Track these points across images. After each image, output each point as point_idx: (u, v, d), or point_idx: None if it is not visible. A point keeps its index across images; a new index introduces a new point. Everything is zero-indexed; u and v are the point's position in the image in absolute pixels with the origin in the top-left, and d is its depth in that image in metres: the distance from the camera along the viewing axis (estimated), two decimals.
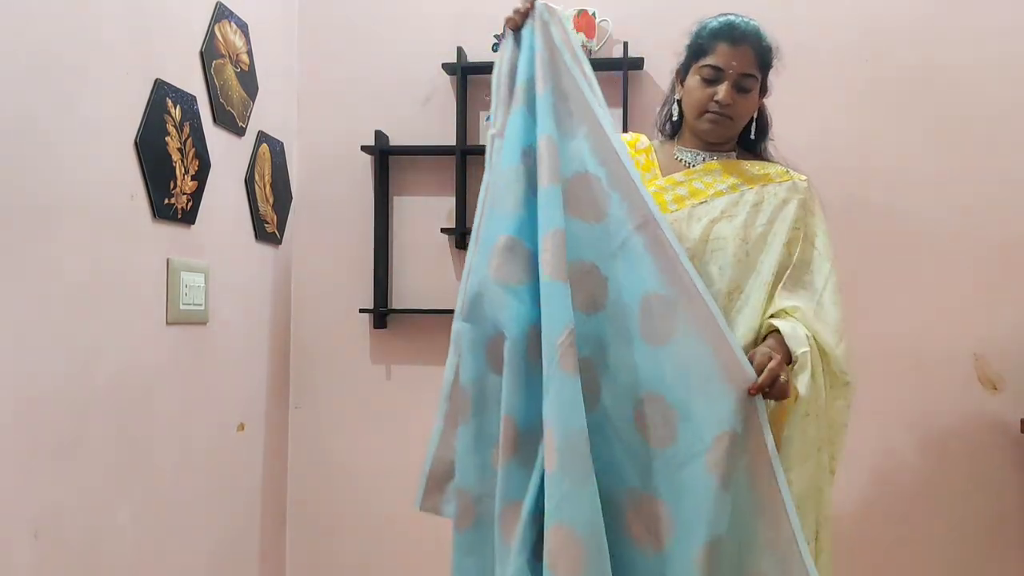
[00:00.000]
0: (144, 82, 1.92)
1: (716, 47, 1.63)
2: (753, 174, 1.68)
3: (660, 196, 1.65)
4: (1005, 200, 2.46)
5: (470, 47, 2.65)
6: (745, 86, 1.63)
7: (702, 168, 1.69)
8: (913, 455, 2.48)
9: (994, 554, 2.44)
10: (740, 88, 1.63)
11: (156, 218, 1.95)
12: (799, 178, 1.70)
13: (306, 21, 2.77)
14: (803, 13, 2.52)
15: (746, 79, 1.63)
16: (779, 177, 1.68)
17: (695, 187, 1.67)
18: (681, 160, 1.72)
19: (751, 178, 1.67)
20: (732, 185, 1.66)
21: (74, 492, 1.70)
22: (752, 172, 1.68)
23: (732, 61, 1.62)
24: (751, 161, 1.72)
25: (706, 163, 1.70)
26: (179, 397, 2.07)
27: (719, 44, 1.63)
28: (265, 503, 2.57)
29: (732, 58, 1.62)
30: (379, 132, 2.65)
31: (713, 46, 1.63)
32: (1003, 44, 2.47)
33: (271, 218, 2.56)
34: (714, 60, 1.63)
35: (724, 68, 1.62)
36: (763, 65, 1.66)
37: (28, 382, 1.57)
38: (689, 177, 1.68)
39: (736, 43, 1.62)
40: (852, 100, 2.52)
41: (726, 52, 1.62)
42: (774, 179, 1.68)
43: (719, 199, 1.64)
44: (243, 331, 2.42)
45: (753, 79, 1.64)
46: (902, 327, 2.47)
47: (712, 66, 1.62)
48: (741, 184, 1.66)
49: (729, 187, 1.66)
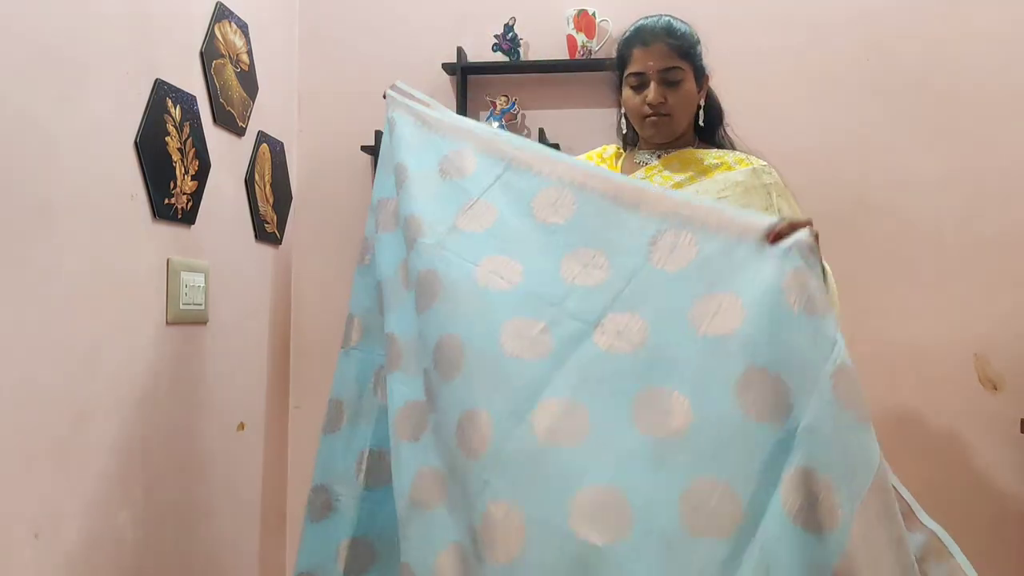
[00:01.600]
0: (144, 82, 1.92)
1: (632, 54, 1.71)
2: (710, 163, 1.69)
3: None
4: (1005, 200, 2.46)
5: (470, 47, 2.65)
6: (671, 79, 1.67)
7: (660, 163, 1.71)
8: (913, 455, 2.48)
9: (994, 554, 2.43)
10: (667, 83, 1.67)
11: (156, 218, 1.95)
12: (758, 163, 1.69)
13: (306, 21, 2.77)
14: (803, 13, 2.52)
15: (669, 72, 1.67)
16: (738, 164, 1.69)
17: (655, 183, 1.68)
18: (640, 163, 1.75)
19: (708, 167, 1.68)
20: (690, 176, 1.67)
21: (74, 492, 1.70)
22: (709, 161, 1.70)
23: (648, 62, 1.68)
24: (707, 150, 1.73)
25: (662, 159, 1.72)
26: (179, 397, 2.07)
27: (634, 50, 1.71)
28: (265, 503, 2.57)
29: (648, 58, 1.68)
30: (379, 132, 2.65)
31: (629, 54, 1.72)
32: (1003, 44, 2.47)
33: (271, 218, 2.56)
34: (634, 67, 1.70)
35: (644, 71, 1.69)
36: (683, 54, 1.69)
37: (28, 382, 1.57)
38: (649, 174, 1.70)
39: (647, 43, 1.69)
40: (852, 100, 2.52)
41: (641, 55, 1.69)
42: (732, 166, 1.68)
43: (679, 191, 1.64)
44: (243, 331, 2.42)
45: (677, 70, 1.68)
46: (902, 327, 2.47)
47: (633, 73, 1.71)
48: (699, 175, 1.67)
49: (687, 178, 1.67)
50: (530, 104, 2.66)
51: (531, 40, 2.66)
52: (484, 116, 2.67)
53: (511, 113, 2.62)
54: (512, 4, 2.65)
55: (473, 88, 2.68)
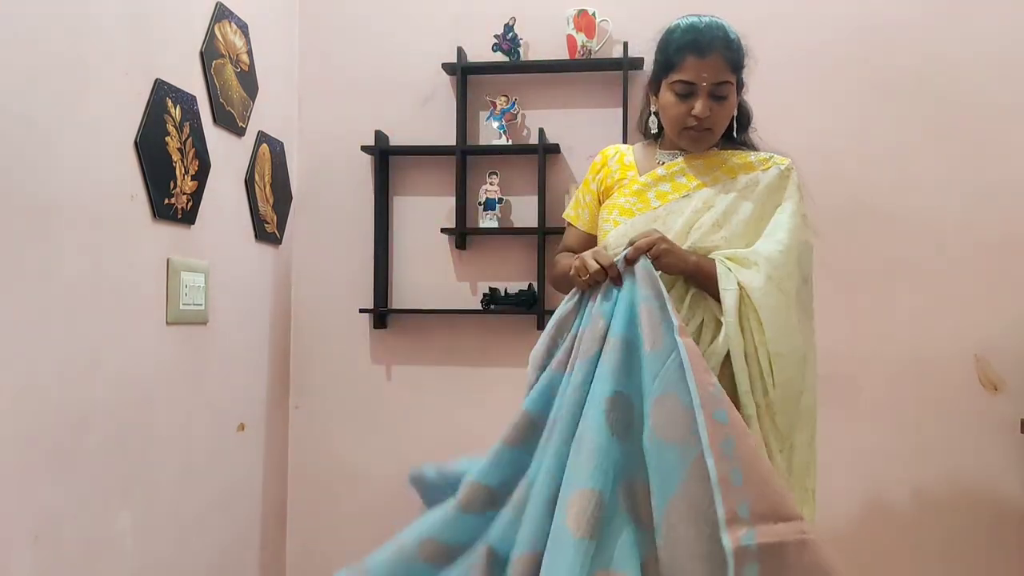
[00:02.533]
0: (144, 82, 1.92)
1: (684, 61, 1.58)
2: (735, 164, 1.66)
3: (643, 194, 1.65)
4: (1005, 200, 2.46)
5: (470, 47, 2.65)
6: (719, 93, 1.59)
7: (683, 162, 1.67)
8: (913, 455, 2.48)
9: (994, 554, 2.43)
10: (715, 97, 1.59)
11: (156, 218, 1.95)
12: (781, 162, 1.67)
13: (306, 21, 2.77)
14: (803, 13, 2.52)
15: (720, 87, 1.58)
16: (761, 165, 1.66)
17: (678, 182, 1.65)
18: (661, 162, 1.70)
19: (733, 168, 1.65)
20: (715, 178, 1.64)
21: (74, 494, 1.69)
22: (734, 162, 1.66)
23: (703, 73, 1.57)
24: (732, 151, 1.69)
25: (686, 158, 1.68)
26: (179, 397, 2.07)
27: (687, 57, 1.58)
28: (265, 503, 2.57)
29: (702, 70, 1.57)
30: (379, 132, 2.65)
31: (681, 60, 1.58)
32: (1003, 43, 2.47)
33: (271, 218, 2.56)
34: (684, 75, 1.58)
35: (696, 82, 1.58)
36: (735, 67, 1.62)
37: (28, 382, 1.57)
38: (671, 171, 1.66)
39: (704, 53, 1.57)
40: (852, 100, 2.52)
41: (695, 65, 1.57)
42: (756, 167, 1.65)
43: (701, 191, 1.62)
44: (243, 331, 2.42)
45: (727, 85, 1.59)
46: (902, 327, 2.47)
47: (683, 81, 1.58)
48: (724, 176, 1.64)
49: (711, 179, 1.64)
50: (530, 104, 2.66)
51: (531, 40, 2.66)
52: (484, 116, 2.68)
53: (511, 113, 2.62)
54: (512, 4, 2.65)
55: (473, 88, 2.68)
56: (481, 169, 2.66)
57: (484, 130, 2.69)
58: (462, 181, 2.62)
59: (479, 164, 2.68)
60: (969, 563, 2.44)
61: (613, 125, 2.56)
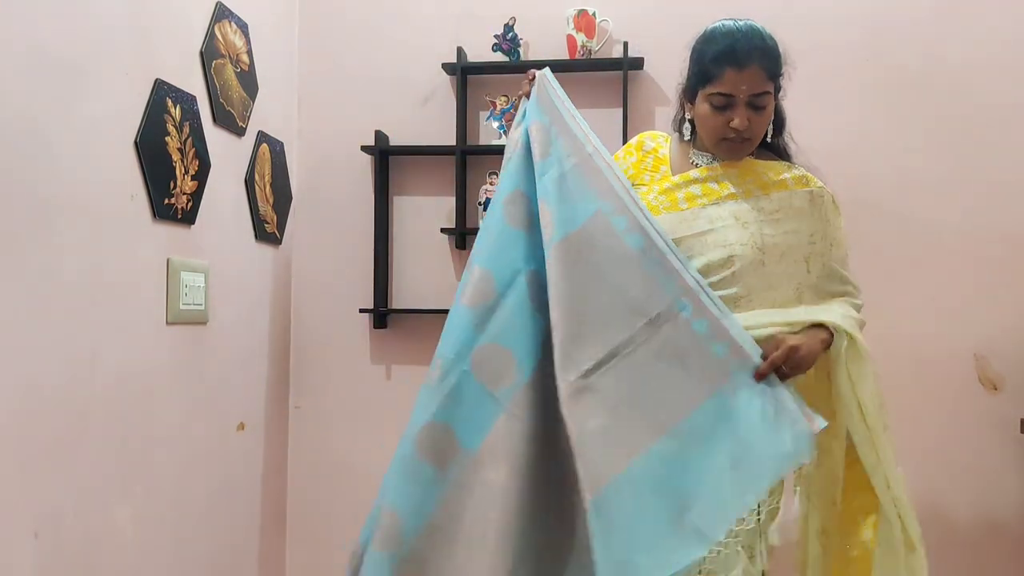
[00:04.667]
0: (144, 82, 1.92)
1: (723, 73, 1.53)
2: (769, 179, 1.62)
3: (672, 193, 1.61)
4: (1005, 200, 2.46)
5: (470, 47, 2.65)
6: (758, 104, 1.55)
7: (719, 168, 1.62)
8: (913, 455, 2.48)
9: (994, 554, 2.43)
10: (753, 107, 1.55)
11: (156, 218, 1.95)
12: (816, 184, 1.64)
13: (306, 21, 2.77)
14: (803, 13, 2.52)
15: (759, 98, 1.55)
16: (796, 184, 1.62)
17: (709, 187, 1.61)
18: (695, 164, 1.66)
19: (767, 183, 1.61)
20: (747, 190, 1.60)
21: (74, 492, 1.70)
22: (768, 177, 1.62)
23: (742, 86, 1.53)
24: (767, 161, 1.65)
25: (722, 164, 1.63)
26: (179, 397, 2.07)
27: (726, 70, 1.53)
28: (265, 503, 2.58)
29: (741, 82, 1.53)
30: (379, 132, 2.65)
31: (720, 72, 1.54)
32: (1003, 43, 2.47)
33: (271, 218, 2.56)
34: (723, 88, 1.54)
35: (735, 95, 1.54)
36: (773, 76, 1.58)
37: (28, 382, 1.57)
38: (704, 176, 1.62)
39: (743, 66, 1.52)
40: (852, 100, 2.52)
41: (734, 77, 1.53)
42: (790, 186, 1.62)
43: (731, 202, 1.59)
44: (243, 331, 2.42)
45: (767, 95, 1.56)
46: (902, 327, 2.47)
47: (722, 94, 1.54)
48: (756, 190, 1.60)
49: (743, 192, 1.60)
50: None
51: (531, 40, 2.66)
52: (484, 116, 2.68)
53: (511, 113, 2.62)
54: (512, 4, 2.65)
55: (473, 88, 2.68)
56: (481, 169, 2.66)
57: (484, 130, 2.69)
58: (462, 181, 2.62)
59: (479, 164, 2.68)
60: (968, 563, 2.44)
61: (613, 125, 2.56)
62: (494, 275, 1.59)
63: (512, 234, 1.61)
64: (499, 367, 1.55)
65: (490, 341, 1.55)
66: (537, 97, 1.71)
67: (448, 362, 1.56)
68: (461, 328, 1.56)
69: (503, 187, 1.68)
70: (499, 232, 1.62)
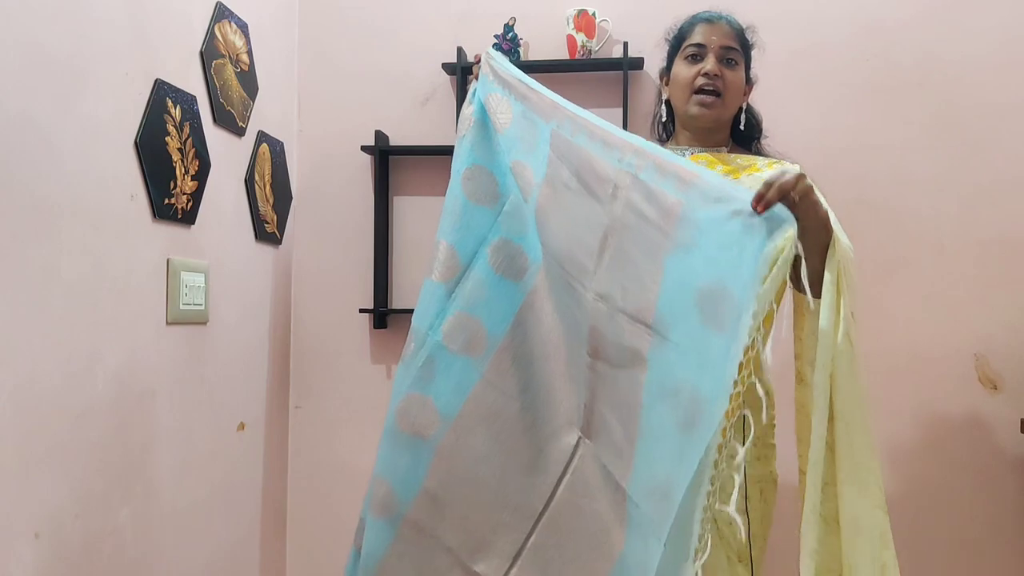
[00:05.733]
0: (144, 82, 1.92)
1: (695, 28, 1.71)
2: (739, 165, 1.68)
3: None
4: (1005, 199, 2.46)
5: (470, 47, 2.65)
6: (729, 57, 1.68)
7: (691, 159, 1.68)
8: (912, 455, 2.48)
9: (993, 554, 2.43)
10: (725, 61, 1.68)
11: (156, 218, 1.95)
12: (789, 165, 1.65)
13: (306, 21, 2.77)
14: (803, 12, 2.52)
15: (730, 52, 1.68)
16: (767, 167, 1.65)
17: None
18: None
19: (736, 168, 1.67)
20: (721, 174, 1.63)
21: (74, 492, 1.70)
22: (739, 163, 1.68)
23: (712, 36, 1.68)
24: (742, 155, 1.72)
25: (695, 155, 1.70)
26: (179, 397, 2.07)
27: (697, 25, 1.71)
28: (265, 503, 2.58)
29: (712, 33, 1.69)
30: (379, 132, 2.65)
31: (692, 28, 1.72)
32: (1003, 42, 2.47)
33: (271, 218, 2.56)
34: (694, 39, 1.70)
35: (706, 44, 1.68)
36: (743, 43, 1.72)
37: (28, 382, 1.57)
38: None
39: (713, 21, 1.71)
40: (851, 99, 2.52)
41: (705, 29, 1.70)
42: (761, 168, 1.65)
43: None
44: (243, 331, 2.42)
45: (736, 52, 1.69)
46: (902, 326, 2.47)
47: (694, 44, 1.69)
48: (729, 174, 1.65)
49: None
50: None
51: (531, 40, 2.66)
52: None
53: None
54: (512, 4, 2.65)
55: None
56: None
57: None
58: None
59: None
60: (968, 563, 2.44)
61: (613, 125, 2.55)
62: (457, 249, 1.70)
63: (472, 209, 1.71)
64: (470, 336, 1.66)
65: (459, 310, 1.67)
66: (485, 74, 1.77)
67: (421, 335, 1.69)
68: (430, 302, 1.68)
69: (459, 164, 1.76)
70: (461, 207, 1.72)
